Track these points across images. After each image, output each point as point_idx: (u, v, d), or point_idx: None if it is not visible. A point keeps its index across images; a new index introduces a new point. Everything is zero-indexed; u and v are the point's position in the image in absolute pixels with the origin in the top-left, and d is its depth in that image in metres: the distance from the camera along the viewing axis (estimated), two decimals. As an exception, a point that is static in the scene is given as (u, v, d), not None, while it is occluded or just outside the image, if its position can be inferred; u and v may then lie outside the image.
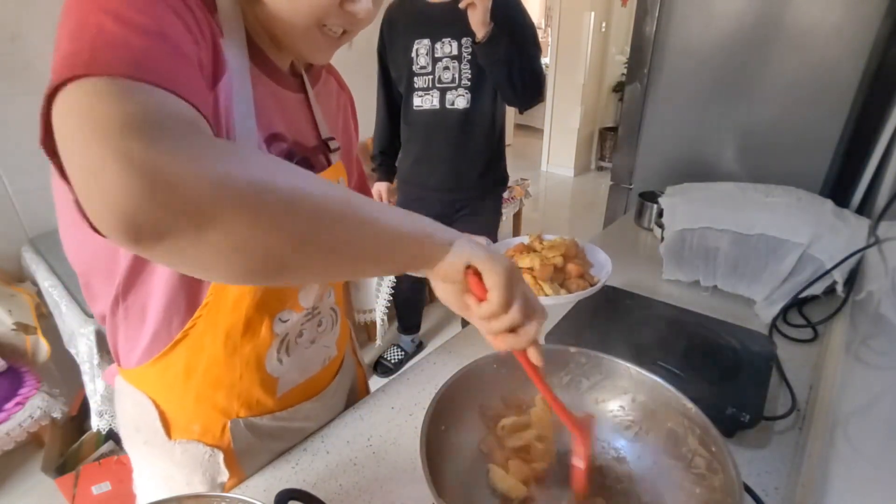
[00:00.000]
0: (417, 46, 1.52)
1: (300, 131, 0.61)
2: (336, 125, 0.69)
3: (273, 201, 0.32)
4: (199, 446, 0.61)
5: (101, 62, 0.32)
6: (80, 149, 0.30)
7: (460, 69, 1.50)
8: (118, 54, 0.33)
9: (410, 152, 1.70)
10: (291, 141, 0.59)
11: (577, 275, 0.71)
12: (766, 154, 1.31)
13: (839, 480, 0.47)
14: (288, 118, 0.58)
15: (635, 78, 1.46)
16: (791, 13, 1.18)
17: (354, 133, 0.76)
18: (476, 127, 1.58)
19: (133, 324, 0.56)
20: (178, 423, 0.61)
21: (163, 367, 0.57)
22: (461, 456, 0.54)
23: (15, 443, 1.41)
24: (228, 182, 0.31)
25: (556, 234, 0.95)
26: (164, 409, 0.60)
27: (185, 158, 0.30)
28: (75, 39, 0.34)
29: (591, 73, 4.53)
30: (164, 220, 0.29)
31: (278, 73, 0.57)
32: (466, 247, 0.43)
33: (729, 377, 0.72)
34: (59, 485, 1.38)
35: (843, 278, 0.86)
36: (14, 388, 1.48)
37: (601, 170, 5.08)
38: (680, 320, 0.87)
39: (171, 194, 0.29)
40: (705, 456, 0.48)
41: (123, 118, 0.30)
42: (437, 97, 1.55)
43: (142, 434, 0.62)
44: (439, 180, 1.67)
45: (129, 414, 0.62)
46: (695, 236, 0.99)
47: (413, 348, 2.27)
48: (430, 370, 0.81)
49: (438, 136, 1.60)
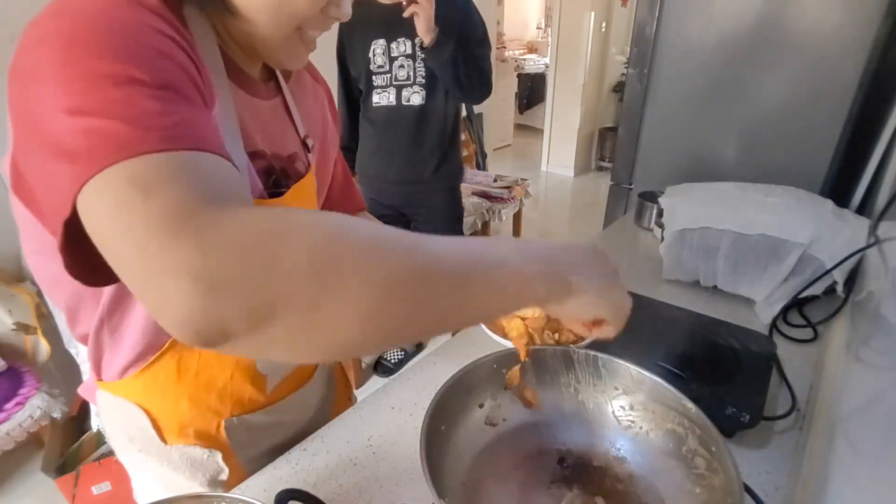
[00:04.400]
0: (374, 46, 1.59)
1: (276, 141, 0.59)
2: (314, 120, 0.68)
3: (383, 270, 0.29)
4: (197, 449, 0.61)
5: (133, 140, 0.30)
6: (130, 259, 0.28)
7: (415, 67, 1.58)
8: (146, 124, 0.32)
9: (368, 146, 1.78)
10: (270, 154, 0.57)
11: (569, 329, 0.71)
12: (766, 154, 1.31)
13: (839, 480, 0.47)
14: (264, 130, 0.57)
15: (635, 78, 1.46)
16: (791, 13, 1.18)
17: (334, 124, 0.75)
18: (430, 122, 1.66)
19: (120, 341, 0.55)
20: (173, 428, 0.60)
21: (152, 375, 0.56)
22: (461, 456, 0.54)
23: (15, 443, 1.41)
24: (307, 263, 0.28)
25: (556, 237, 0.94)
26: (156, 416, 0.59)
27: (242, 252, 0.27)
28: (85, 114, 0.31)
29: (591, 73, 4.53)
30: (235, 321, 0.27)
31: (250, 83, 0.55)
32: (588, 301, 0.40)
33: (729, 377, 0.72)
34: (59, 485, 1.38)
35: (843, 278, 0.86)
36: (14, 388, 1.48)
37: (601, 170, 5.08)
38: (680, 320, 0.87)
39: (238, 297, 0.27)
40: (705, 456, 0.48)
41: (172, 211, 0.28)
42: (393, 94, 1.62)
43: (136, 443, 0.61)
44: (396, 173, 1.74)
45: (120, 425, 0.61)
46: (695, 236, 0.99)
47: (413, 348, 2.27)
48: (430, 370, 0.81)
49: (395, 132, 1.68)
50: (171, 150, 0.31)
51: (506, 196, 2.89)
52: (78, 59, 0.33)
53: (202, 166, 0.32)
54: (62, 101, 0.32)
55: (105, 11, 0.35)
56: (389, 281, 0.29)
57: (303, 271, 0.27)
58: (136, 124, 0.31)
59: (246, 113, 0.53)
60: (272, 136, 0.58)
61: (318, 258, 0.28)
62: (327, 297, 0.28)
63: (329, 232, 0.30)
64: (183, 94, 0.36)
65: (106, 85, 0.32)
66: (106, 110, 0.31)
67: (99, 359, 0.57)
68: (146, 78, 0.34)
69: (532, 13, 6.76)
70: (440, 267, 0.32)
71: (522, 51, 6.51)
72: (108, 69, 0.33)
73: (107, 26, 0.35)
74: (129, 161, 0.30)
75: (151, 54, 0.35)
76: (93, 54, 0.33)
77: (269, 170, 0.57)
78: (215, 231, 0.27)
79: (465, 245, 0.35)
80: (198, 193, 0.29)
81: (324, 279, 0.28)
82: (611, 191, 1.67)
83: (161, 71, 0.35)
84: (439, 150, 1.71)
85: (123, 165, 0.30)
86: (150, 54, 0.35)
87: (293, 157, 0.61)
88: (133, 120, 0.31)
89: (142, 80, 0.33)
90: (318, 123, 0.69)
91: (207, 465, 0.62)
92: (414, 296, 0.30)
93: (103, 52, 0.33)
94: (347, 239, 0.30)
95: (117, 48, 0.34)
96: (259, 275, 0.27)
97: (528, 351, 0.58)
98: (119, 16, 0.36)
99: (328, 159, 0.72)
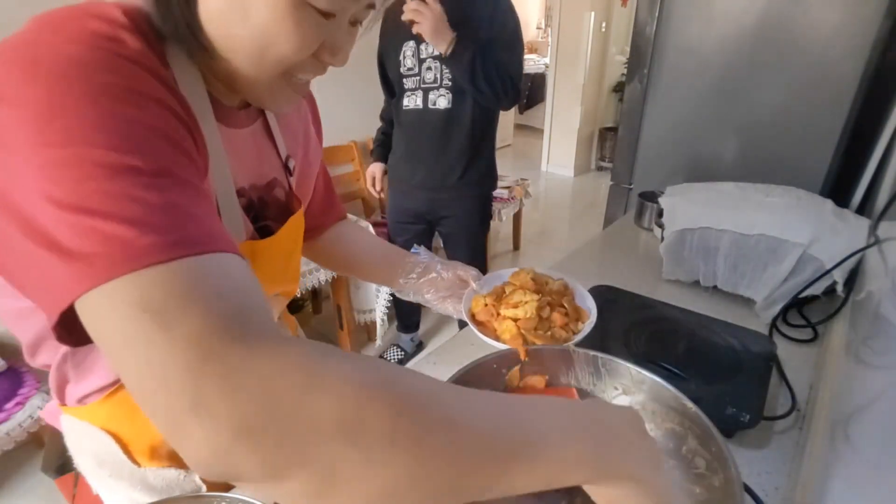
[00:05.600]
0: (405, 48, 1.56)
1: (254, 170, 0.56)
2: (296, 137, 0.65)
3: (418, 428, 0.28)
4: (171, 471, 0.59)
5: (139, 247, 0.28)
6: (150, 392, 0.27)
7: (441, 70, 1.54)
8: (149, 224, 0.29)
9: (398, 150, 1.76)
10: (248, 187, 0.55)
11: (561, 325, 0.71)
12: (765, 154, 1.31)
13: (839, 480, 0.47)
14: (242, 162, 0.54)
15: (635, 78, 1.46)
16: (791, 13, 1.17)
17: (318, 138, 0.71)
18: (457, 127, 1.60)
19: (84, 373, 0.53)
20: (144, 451, 0.58)
21: (118, 400, 0.54)
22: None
23: (15, 443, 1.41)
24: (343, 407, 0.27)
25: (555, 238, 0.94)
26: (125, 441, 0.57)
27: (269, 404, 0.26)
28: (78, 210, 0.29)
29: (591, 73, 4.53)
30: (254, 470, 0.26)
31: (231, 115, 0.51)
32: (641, 492, 0.35)
33: (729, 377, 0.72)
34: (59, 485, 1.38)
35: (842, 278, 0.86)
36: (14, 388, 1.48)
37: (601, 170, 5.08)
38: (680, 320, 0.87)
39: (259, 448, 0.25)
40: (705, 456, 0.48)
41: (193, 346, 0.26)
42: (420, 97, 1.59)
43: (106, 468, 0.59)
44: (422, 178, 1.70)
45: (88, 450, 0.59)
46: (695, 236, 0.99)
47: (413, 348, 2.27)
48: (429, 370, 0.81)
49: (422, 136, 1.64)
50: (181, 258, 0.29)
51: (506, 196, 2.90)
52: (62, 140, 0.30)
53: (215, 275, 0.30)
54: (45, 186, 0.29)
55: (84, 70, 0.32)
56: (420, 454, 0.27)
57: (327, 432, 0.26)
58: (139, 226, 0.29)
59: (227, 150, 0.50)
60: (251, 167, 0.55)
61: (345, 419, 0.26)
62: (349, 463, 0.26)
63: (362, 388, 0.28)
64: (181, 179, 0.33)
65: (98, 175, 0.29)
66: (103, 207, 0.29)
67: (62, 386, 0.55)
68: (142, 164, 0.31)
69: (532, 13, 6.76)
70: (479, 445, 0.29)
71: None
72: (100, 157, 0.30)
73: (90, 97, 0.31)
74: (137, 274, 0.28)
75: (144, 133, 0.32)
76: (78, 137, 0.30)
77: (251, 206, 0.55)
78: (242, 374, 0.26)
79: (507, 414, 0.32)
80: (219, 321, 0.28)
81: (348, 442, 0.26)
82: (611, 191, 1.67)
83: (157, 153, 0.32)
84: (466, 155, 1.65)
85: (131, 279, 0.28)
86: (142, 133, 0.32)
87: (272, 185, 0.59)
88: (135, 221, 0.29)
89: (137, 167, 0.31)
90: (299, 140, 0.66)
91: (184, 485, 0.60)
92: (444, 473, 0.28)
93: (92, 135, 0.30)
94: (381, 399, 0.28)
95: (106, 128, 0.31)
96: (283, 430, 0.26)
97: (526, 351, 0.58)
98: (101, 81, 0.32)
99: (309, 176, 0.69)
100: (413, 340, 2.27)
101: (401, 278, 0.78)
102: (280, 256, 0.60)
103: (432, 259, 0.80)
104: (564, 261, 1.21)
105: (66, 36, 0.33)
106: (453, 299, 0.77)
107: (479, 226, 1.85)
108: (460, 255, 1.81)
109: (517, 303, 0.71)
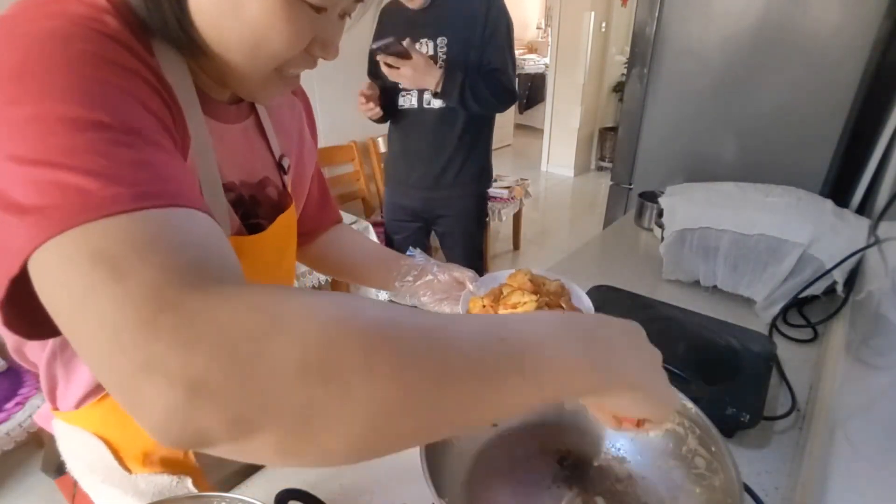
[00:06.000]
0: None
1: (245, 167, 0.56)
2: (290, 136, 0.64)
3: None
4: (164, 477, 0.58)
5: (99, 197, 0.27)
6: (99, 352, 0.25)
7: None
8: (112, 176, 0.28)
9: (393, 149, 1.76)
10: (238, 183, 0.55)
11: None
12: (766, 154, 1.31)
13: (839, 480, 0.47)
14: (233, 158, 0.54)
15: (635, 78, 1.46)
16: (791, 13, 1.18)
17: (312, 139, 0.71)
18: (452, 126, 1.61)
19: (74, 373, 0.52)
20: (136, 457, 0.57)
21: (111, 405, 0.54)
22: (461, 456, 0.54)
23: (15, 443, 1.41)
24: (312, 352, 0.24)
25: (555, 238, 0.94)
26: (116, 447, 0.56)
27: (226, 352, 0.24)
28: (38, 163, 0.27)
29: (591, 73, 4.53)
30: (217, 429, 0.24)
31: (219, 109, 0.51)
32: (633, 402, 0.35)
33: (729, 377, 0.72)
34: (59, 485, 1.38)
35: (843, 278, 0.86)
36: (14, 388, 1.48)
37: (601, 170, 5.08)
38: (680, 320, 0.87)
39: (220, 403, 0.23)
40: (705, 456, 0.48)
41: (148, 297, 0.24)
42: (415, 97, 1.59)
43: (98, 474, 0.58)
44: (418, 177, 1.71)
45: (79, 455, 0.59)
46: (695, 236, 0.99)
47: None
48: (430, 370, 0.81)
49: (417, 135, 1.65)
50: (143, 209, 0.27)
51: (506, 196, 2.89)
52: (29, 99, 0.29)
53: (179, 229, 0.28)
54: (6, 144, 0.28)
55: (61, 40, 0.31)
56: (402, 379, 0.25)
57: (294, 374, 0.24)
58: (103, 178, 0.27)
59: (215, 141, 0.50)
60: (241, 164, 0.55)
61: (312, 358, 0.24)
62: (324, 405, 0.24)
63: (327, 323, 0.25)
64: (152, 140, 0.32)
65: (65, 130, 0.28)
66: (65, 159, 0.28)
67: (53, 388, 0.55)
68: (111, 121, 0.30)
69: (532, 13, 6.76)
70: (465, 360, 0.27)
71: (522, 51, 6.51)
72: (66, 112, 0.29)
73: (65, 60, 0.30)
74: (94, 224, 0.26)
75: (117, 95, 0.32)
76: (47, 95, 0.29)
77: (240, 201, 0.55)
78: (197, 324, 0.24)
79: (496, 328, 0.30)
80: (176, 272, 0.26)
81: (318, 383, 0.24)
82: (611, 191, 1.67)
83: (128, 113, 0.31)
84: (462, 154, 1.66)
85: (88, 229, 0.26)
86: (115, 95, 0.31)
87: (264, 183, 0.58)
88: (99, 173, 0.28)
89: (106, 123, 0.30)
90: (294, 140, 0.65)
91: (177, 491, 0.59)
92: (432, 395, 0.26)
93: (60, 94, 0.29)
94: (348, 332, 0.25)
95: (77, 88, 0.30)
96: (244, 379, 0.23)
97: None
98: (78, 48, 0.31)
99: (304, 177, 0.69)
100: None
101: (396, 281, 0.77)
102: (271, 254, 0.59)
103: (428, 261, 0.80)
104: (564, 261, 1.21)
105: (47, 12, 0.33)
106: (450, 301, 0.77)
107: (476, 225, 1.85)
108: (457, 255, 1.82)
109: (515, 303, 0.71)
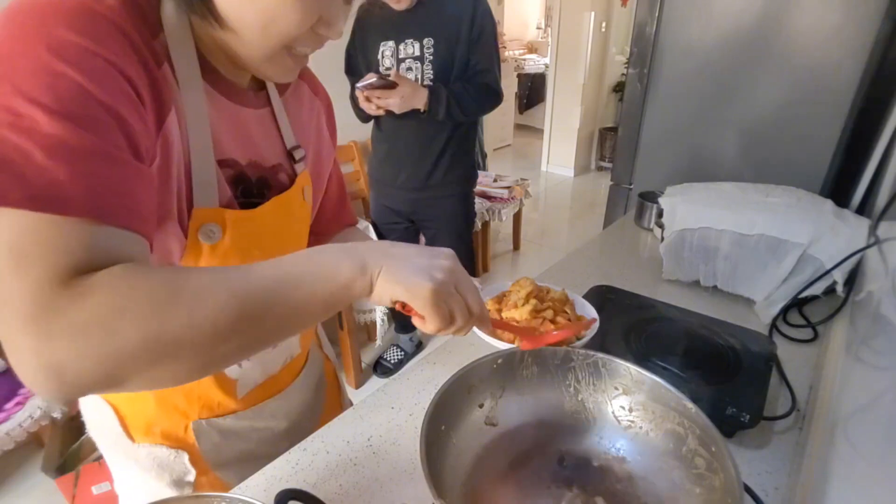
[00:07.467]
0: (383, 48, 1.56)
1: (258, 150, 0.58)
2: (307, 133, 0.66)
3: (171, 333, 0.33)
4: (163, 449, 0.61)
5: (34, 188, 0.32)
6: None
7: (422, 69, 1.54)
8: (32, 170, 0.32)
9: (378, 152, 1.76)
10: (246, 163, 0.56)
11: None
12: (766, 154, 1.31)
13: (839, 480, 0.47)
14: (245, 138, 0.56)
15: (635, 78, 1.46)
16: (791, 13, 1.18)
17: (331, 139, 0.73)
18: (438, 127, 1.61)
19: None
20: (139, 427, 0.60)
21: None
22: (461, 456, 0.54)
23: (15, 443, 1.41)
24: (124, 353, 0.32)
25: (555, 238, 0.94)
26: (123, 414, 0.60)
27: (80, 335, 0.31)
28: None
29: (591, 73, 4.53)
30: (88, 393, 0.33)
31: (235, 91, 0.55)
32: (387, 283, 0.43)
33: (729, 377, 0.72)
34: (59, 485, 1.38)
35: (843, 278, 0.86)
36: (14, 388, 1.48)
37: (601, 170, 5.08)
38: (680, 320, 0.87)
39: (81, 377, 0.31)
40: (705, 456, 0.48)
41: (36, 291, 0.30)
42: None
43: (106, 438, 0.62)
44: (405, 179, 1.71)
45: (92, 420, 0.63)
46: (695, 236, 0.99)
47: (413, 348, 2.27)
48: (430, 370, 0.81)
49: (403, 136, 1.65)
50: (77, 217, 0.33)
51: (506, 196, 2.89)
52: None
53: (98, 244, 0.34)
54: None
55: (49, 17, 0.35)
56: (216, 329, 0.34)
57: (137, 343, 0.32)
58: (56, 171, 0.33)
59: (224, 119, 0.53)
60: (254, 146, 0.57)
61: (149, 329, 0.32)
62: (163, 357, 0.33)
63: (158, 293, 0.33)
64: (112, 155, 0.36)
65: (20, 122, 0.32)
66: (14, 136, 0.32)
67: None
68: (70, 133, 0.34)
69: (532, 13, 6.76)
70: (256, 295, 0.37)
71: (522, 51, 6.51)
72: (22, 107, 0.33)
73: (42, 47, 0.34)
74: (23, 214, 0.32)
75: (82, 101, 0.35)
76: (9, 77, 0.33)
77: (241, 178, 0.56)
78: (63, 314, 0.30)
79: (290, 261, 0.40)
80: (69, 265, 0.32)
81: (154, 343, 0.32)
82: (611, 191, 1.67)
83: (94, 125, 0.35)
84: (448, 155, 1.67)
85: (16, 216, 0.32)
86: (81, 101, 0.35)
87: (276, 168, 0.60)
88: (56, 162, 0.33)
89: (66, 133, 0.33)
90: (311, 136, 0.67)
91: (174, 466, 0.62)
92: (241, 330, 0.36)
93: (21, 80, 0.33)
94: (174, 302, 0.33)
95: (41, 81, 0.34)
96: (96, 353, 0.31)
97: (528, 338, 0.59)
98: (60, 36, 0.35)
99: (321, 174, 0.70)
100: (413, 340, 2.27)
101: None
102: (264, 234, 0.59)
103: None
104: (564, 261, 1.21)
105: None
106: None
107: (464, 225, 1.87)
108: None
109: (516, 302, 0.71)
